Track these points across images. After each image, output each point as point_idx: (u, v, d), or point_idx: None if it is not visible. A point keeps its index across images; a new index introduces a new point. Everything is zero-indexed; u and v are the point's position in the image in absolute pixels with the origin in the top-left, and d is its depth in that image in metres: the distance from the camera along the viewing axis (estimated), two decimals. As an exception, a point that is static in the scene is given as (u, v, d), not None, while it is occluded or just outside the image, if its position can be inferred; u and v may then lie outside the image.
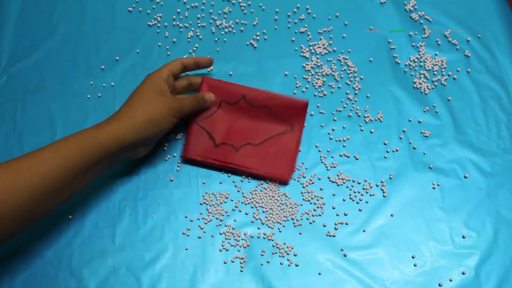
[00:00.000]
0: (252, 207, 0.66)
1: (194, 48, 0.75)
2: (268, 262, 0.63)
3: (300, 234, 0.65)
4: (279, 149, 0.67)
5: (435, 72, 0.73)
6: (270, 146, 0.67)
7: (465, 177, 0.67)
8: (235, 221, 0.66)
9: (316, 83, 0.73)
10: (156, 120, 0.60)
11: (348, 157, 0.69)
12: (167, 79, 0.63)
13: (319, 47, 0.75)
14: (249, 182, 0.67)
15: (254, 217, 0.66)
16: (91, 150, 0.56)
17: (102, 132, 0.57)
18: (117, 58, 0.74)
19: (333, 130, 0.70)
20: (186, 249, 0.64)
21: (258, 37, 0.75)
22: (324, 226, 0.65)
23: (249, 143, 0.67)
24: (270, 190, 0.67)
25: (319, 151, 0.69)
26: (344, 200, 0.67)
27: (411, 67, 0.74)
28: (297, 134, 0.68)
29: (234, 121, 0.68)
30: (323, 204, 0.66)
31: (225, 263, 0.63)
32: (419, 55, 0.74)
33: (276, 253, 0.64)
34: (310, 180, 0.67)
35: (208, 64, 0.69)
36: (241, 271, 0.63)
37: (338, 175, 0.68)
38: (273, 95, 0.67)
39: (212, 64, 0.70)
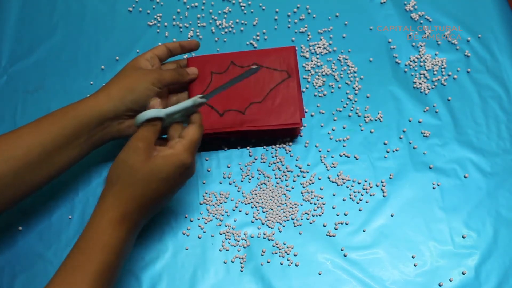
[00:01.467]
0: (252, 207, 0.66)
1: (194, 48, 0.75)
2: (268, 262, 0.63)
3: (300, 234, 0.65)
4: (283, 98, 0.66)
5: (435, 72, 0.73)
6: (273, 98, 0.66)
7: (465, 177, 0.67)
8: (235, 221, 0.66)
9: (316, 83, 0.73)
10: (132, 87, 0.60)
11: (348, 157, 0.69)
12: (150, 60, 0.63)
13: (319, 47, 0.75)
14: (249, 182, 0.67)
15: (254, 217, 0.66)
16: (70, 123, 0.57)
17: (79, 105, 0.59)
18: (117, 58, 0.74)
19: (333, 130, 0.70)
20: (186, 249, 0.64)
21: (258, 37, 0.75)
22: (324, 226, 0.65)
23: (252, 102, 0.66)
24: (270, 190, 0.67)
25: (319, 151, 0.69)
26: (344, 200, 0.67)
27: (411, 67, 0.74)
28: (295, 78, 0.67)
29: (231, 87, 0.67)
30: (323, 204, 0.66)
31: (225, 263, 0.63)
32: (419, 55, 0.74)
33: (276, 253, 0.64)
34: (310, 180, 0.67)
35: (194, 47, 0.67)
36: (241, 271, 0.63)
37: (338, 175, 0.68)
38: (259, 52, 0.69)
39: (199, 47, 0.67)
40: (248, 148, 0.69)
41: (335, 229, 0.65)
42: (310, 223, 0.65)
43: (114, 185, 0.54)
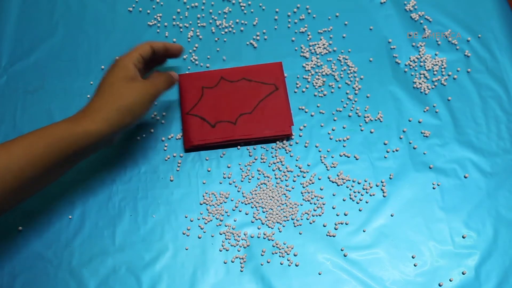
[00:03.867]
0: (252, 207, 0.66)
1: (194, 48, 0.75)
2: (268, 262, 0.63)
3: (300, 234, 0.65)
4: (272, 108, 0.69)
5: (435, 72, 0.73)
6: (262, 109, 0.69)
7: (465, 177, 0.67)
8: (235, 221, 0.66)
9: (316, 83, 0.73)
10: (131, 109, 0.58)
11: (348, 157, 0.69)
12: (137, 64, 0.61)
13: (319, 47, 0.75)
14: (249, 182, 0.67)
15: (254, 217, 0.66)
16: (66, 147, 0.55)
17: (76, 128, 0.56)
18: (117, 58, 0.74)
19: (333, 130, 0.70)
20: (186, 249, 0.64)
21: (258, 37, 0.75)
22: (324, 226, 0.65)
23: (242, 113, 0.69)
24: (270, 190, 0.67)
25: (319, 151, 0.69)
26: (344, 200, 0.67)
27: (411, 67, 0.74)
28: (282, 91, 0.70)
29: (221, 99, 0.70)
30: (323, 204, 0.66)
31: (225, 263, 0.63)
32: (419, 55, 0.74)
33: (276, 253, 0.64)
34: (310, 180, 0.67)
35: (178, 52, 0.67)
36: (241, 271, 0.63)
37: (338, 175, 0.68)
38: (247, 68, 0.72)
39: (182, 53, 0.68)
40: (248, 148, 0.69)
41: (335, 229, 0.65)
42: (310, 223, 0.65)
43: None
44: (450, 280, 0.62)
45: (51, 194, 0.66)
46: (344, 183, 0.67)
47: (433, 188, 0.67)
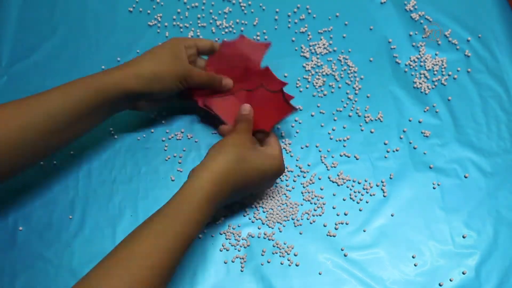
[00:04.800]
0: (252, 207, 0.66)
1: (194, 48, 0.75)
2: (268, 262, 0.63)
3: (300, 234, 0.65)
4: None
5: (435, 72, 0.73)
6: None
7: (465, 177, 0.67)
8: (235, 221, 0.65)
9: (316, 83, 0.73)
10: (162, 76, 0.61)
11: (348, 157, 0.69)
12: (188, 48, 0.64)
13: (319, 47, 0.75)
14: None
15: (254, 217, 0.66)
16: (96, 94, 0.58)
17: (108, 78, 0.59)
18: (119, 59, 0.74)
19: (333, 130, 0.70)
20: (186, 249, 0.64)
21: (258, 37, 0.75)
22: (324, 226, 0.65)
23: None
24: (270, 190, 0.67)
25: (319, 151, 0.69)
26: (344, 200, 0.67)
27: (411, 67, 0.74)
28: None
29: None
30: (323, 204, 0.66)
31: (225, 263, 0.63)
32: (419, 55, 0.74)
33: (276, 253, 0.64)
34: (310, 180, 0.67)
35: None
36: (241, 271, 0.63)
37: (338, 175, 0.68)
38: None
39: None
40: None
41: (335, 229, 0.65)
42: (311, 223, 0.65)
43: (218, 156, 0.57)
44: (450, 280, 0.62)
45: (51, 194, 0.66)
46: (344, 183, 0.67)
47: (434, 188, 0.67)
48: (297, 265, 0.63)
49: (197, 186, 0.55)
